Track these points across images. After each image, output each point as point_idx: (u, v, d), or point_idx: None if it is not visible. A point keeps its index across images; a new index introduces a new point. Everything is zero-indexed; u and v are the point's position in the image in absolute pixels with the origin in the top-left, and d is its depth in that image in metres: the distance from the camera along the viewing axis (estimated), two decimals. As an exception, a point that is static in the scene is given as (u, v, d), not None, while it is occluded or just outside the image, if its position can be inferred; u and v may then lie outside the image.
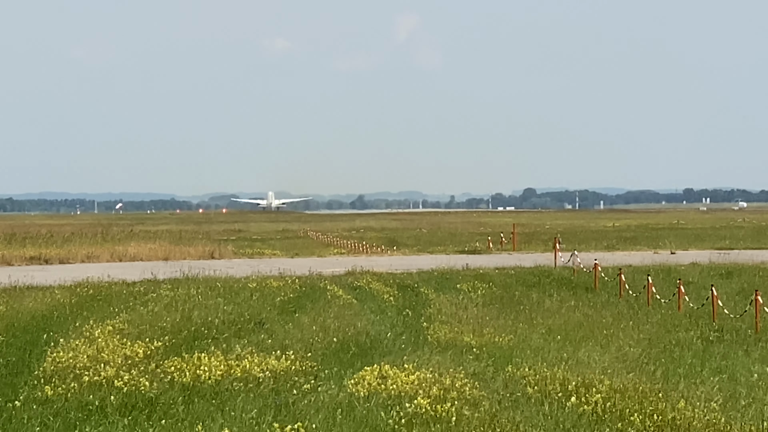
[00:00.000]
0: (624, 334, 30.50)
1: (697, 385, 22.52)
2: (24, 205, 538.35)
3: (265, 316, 34.55)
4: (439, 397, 20.39)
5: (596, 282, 46.63)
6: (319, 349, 27.25)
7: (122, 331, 29.92)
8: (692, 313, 35.61)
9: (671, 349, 28.09)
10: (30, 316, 34.77)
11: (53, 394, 21.21)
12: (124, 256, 74.08)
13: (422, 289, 44.62)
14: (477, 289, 43.90)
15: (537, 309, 36.96)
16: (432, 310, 36.28)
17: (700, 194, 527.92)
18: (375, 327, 32.38)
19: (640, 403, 20.09)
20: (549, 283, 47.58)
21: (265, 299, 39.67)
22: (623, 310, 37.04)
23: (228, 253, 78.49)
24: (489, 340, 28.89)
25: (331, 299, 39.93)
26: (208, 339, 29.03)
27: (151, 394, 21.24)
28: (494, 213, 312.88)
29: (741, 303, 36.49)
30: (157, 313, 34.50)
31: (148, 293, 41.81)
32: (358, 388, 21.50)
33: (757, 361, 26.10)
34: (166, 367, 23.95)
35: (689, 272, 51.22)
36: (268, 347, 26.96)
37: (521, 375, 23.20)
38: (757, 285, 41.28)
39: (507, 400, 20.83)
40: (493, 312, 36.07)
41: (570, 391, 21.18)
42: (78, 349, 26.44)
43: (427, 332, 30.91)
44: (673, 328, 32.40)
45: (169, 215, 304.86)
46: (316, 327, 31.24)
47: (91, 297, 41.09)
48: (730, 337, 30.45)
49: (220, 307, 36.61)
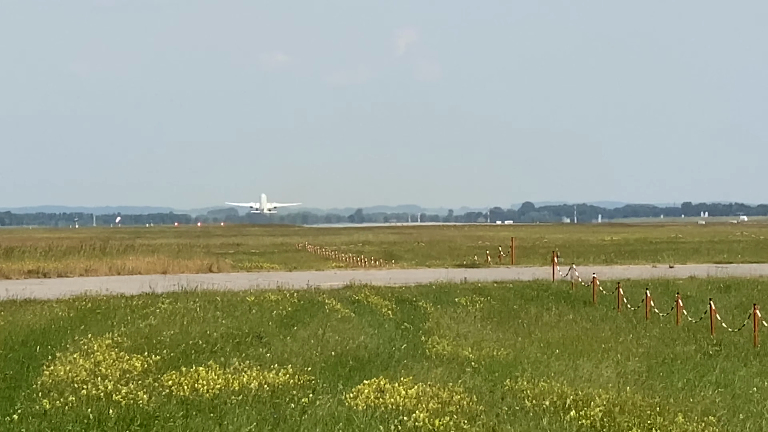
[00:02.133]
0: (622, 348, 30.48)
1: (696, 399, 22.51)
2: (22, 219, 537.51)
3: (264, 329, 34.52)
4: (437, 411, 20.39)
5: (594, 296, 46.63)
6: (318, 363, 27.22)
7: (120, 345, 29.90)
8: (691, 326, 35.60)
9: (670, 363, 28.08)
10: (28, 329, 34.75)
11: (51, 408, 21.19)
12: (122, 270, 74.09)
13: (420, 302, 44.59)
14: (475, 303, 43.88)
15: (535, 323, 36.95)
16: (430, 324, 36.26)
17: (699, 208, 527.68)
18: (373, 341, 32.34)
19: (639, 417, 20.09)
20: (547, 297, 47.58)
21: (264, 313, 39.63)
22: (621, 323, 37.03)
23: (226, 266, 78.54)
24: (487, 354, 28.87)
25: (330, 313, 39.90)
26: (206, 353, 29.02)
27: (149, 408, 21.22)
28: (492, 226, 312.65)
29: (739, 317, 36.49)
30: (156, 326, 34.47)
31: (147, 307, 41.77)
32: (356, 402, 21.48)
33: (755, 375, 26.08)
34: (164, 381, 23.93)
35: (688, 286, 51.24)
36: (267, 361, 26.95)
37: (519, 389, 23.19)
38: (756, 299, 41.30)
39: (505, 413, 20.82)
40: (491, 326, 36.05)
41: (568, 405, 21.18)
42: (76, 362, 26.43)
43: (425, 346, 30.89)
44: (671, 341, 32.40)
45: (167, 229, 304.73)
46: (314, 341, 31.21)
47: (89, 311, 41.05)
48: (729, 351, 30.44)
49: (219, 320, 36.59)
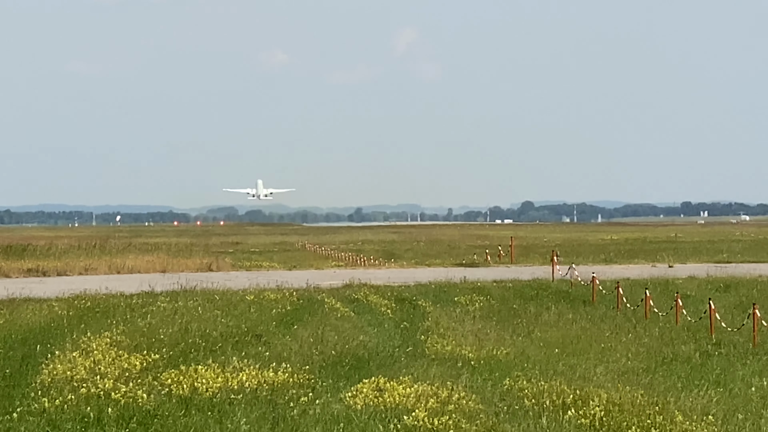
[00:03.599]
0: (622, 347, 30.49)
1: (695, 398, 22.52)
2: (22, 218, 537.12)
3: (263, 328, 34.53)
4: (436, 410, 20.38)
5: (594, 295, 46.62)
6: (317, 362, 27.23)
7: (120, 344, 29.91)
8: (690, 326, 35.59)
9: (669, 363, 28.08)
10: (28, 328, 34.76)
11: (50, 406, 21.20)
12: (122, 269, 74.12)
13: (420, 301, 44.57)
14: (475, 302, 43.86)
15: (535, 322, 36.94)
16: (430, 323, 36.25)
17: (698, 207, 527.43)
18: (372, 340, 32.35)
19: (638, 416, 20.09)
20: (547, 296, 47.57)
21: (263, 312, 39.63)
22: (621, 323, 37.02)
23: (226, 265, 78.54)
24: (487, 353, 28.87)
25: (329, 312, 39.90)
26: (205, 351, 29.02)
27: (148, 407, 21.23)
28: (492, 226, 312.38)
29: (739, 316, 36.47)
30: (155, 325, 34.48)
31: (146, 306, 41.77)
32: (355, 401, 21.49)
33: (754, 375, 26.07)
34: (163, 380, 23.95)
35: (687, 285, 51.25)
36: (266, 360, 26.95)
37: (519, 388, 23.19)
38: (755, 298, 41.29)
39: (505, 412, 20.83)
40: (490, 325, 36.04)
41: (568, 404, 21.18)
42: (75, 361, 26.44)
43: (424, 345, 30.89)
44: (670, 341, 32.39)
45: (167, 227, 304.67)
46: (313, 339, 31.22)
47: (88, 309, 41.06)
48: (728, 351, 30.44)
49: (218, 319, 36.59)
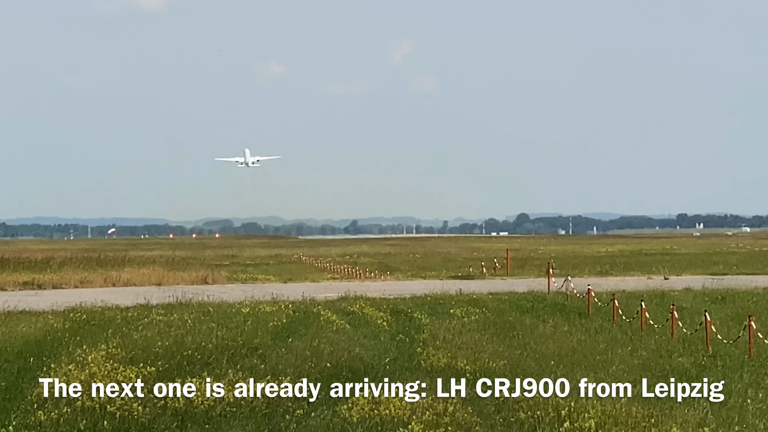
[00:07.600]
0: (617, 360, 30.50)
1: (690, 410, 22.51)
2: (17, 230, 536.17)
3: (259, 341, 34.51)
4: (432, 422, 20.38)
5: (590, 307, 46.63)
6: (313, 374, 27.22)
7: (115, 357, 29.88)
8: (686, 338, 35.61)
9: (665, 375, 28.08)
10: (23, 341, 34.71)
11: (46, 419, 21.19)
12: (117, 282, 74.00)
13: (415, 314, 44.57)
14: (470, 315, 43.86)
15: (530, 334, 36.93)
16: (425, 336, 36.25)
17: (694, 219, 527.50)
18: (368, 352, 32.36)
19: (633, 428, 20.09)
20: (542, 309, 47.57)
21: (259, 324, 39.61)
22: (617, 335, 37.04)
23: (221, 278, 78.47)
24: (482, 366, 28.87)
25: (325, 324, 39.88)
26: (201, 364, 29.01)
27: (143, 420, 21.21)
28: (488, 238, 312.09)
29: (735, 328, 36.50)
30: (150, 338, 34.45)
31: (142, 318, 41.74)
32: (351, 413, 21.47)
33: (750, 387, 26.10)
34: (158, 393, 23.89)
35: (683, 297, 51.27)
36: (262, 372, 26.94)
37: (514, 400, 23.19)
38: (751, 310, 41.33)
39: (500, 425, 20.82)
40: (486, 337, 36.04)
41: (563, 417, 21.17)
42: (71, 374, 26.41)
43: (420, 357, 30.90)
44: (666, 353, 32.41)
45: (162, 240, 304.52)
46: (309, 352, 31.21)
47: (84, 322, 41.01)
48: (724, 363, 30.46)
49: (214, 332, 36.56)
